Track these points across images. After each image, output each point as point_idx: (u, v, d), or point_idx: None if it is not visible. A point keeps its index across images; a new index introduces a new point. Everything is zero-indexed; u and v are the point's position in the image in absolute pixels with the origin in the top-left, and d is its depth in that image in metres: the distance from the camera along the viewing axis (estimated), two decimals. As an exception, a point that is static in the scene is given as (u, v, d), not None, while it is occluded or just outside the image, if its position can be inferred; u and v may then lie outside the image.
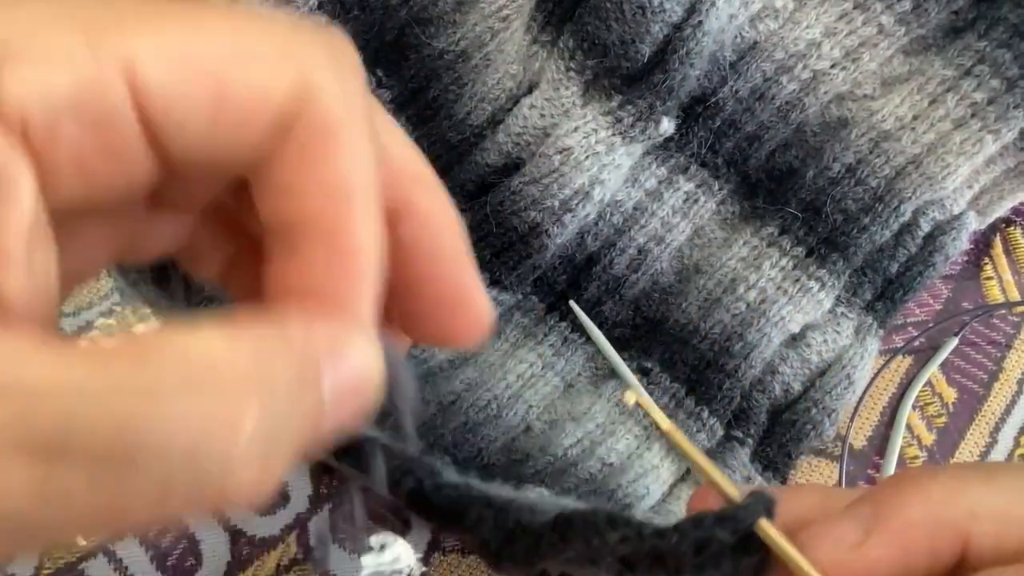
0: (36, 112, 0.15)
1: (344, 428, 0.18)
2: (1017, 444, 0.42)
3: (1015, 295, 0.44)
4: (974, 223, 0.40)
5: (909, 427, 0.42)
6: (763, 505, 0.22)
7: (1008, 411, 0.42)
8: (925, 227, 0.38)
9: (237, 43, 0.17)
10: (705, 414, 0.38)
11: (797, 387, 0.39)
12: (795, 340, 0.39)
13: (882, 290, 0.40)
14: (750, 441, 0.38)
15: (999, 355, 0.43)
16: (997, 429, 0.42)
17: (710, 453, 0.38)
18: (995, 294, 0.44)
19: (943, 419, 0.42)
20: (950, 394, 0.43)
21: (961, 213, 0.39)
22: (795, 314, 0.38)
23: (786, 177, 0.39)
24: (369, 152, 0.18)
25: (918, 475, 0.23)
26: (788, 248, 0.39)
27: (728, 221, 0.40)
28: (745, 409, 0.38)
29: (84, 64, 0.16)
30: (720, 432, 0.38)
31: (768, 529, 0.22)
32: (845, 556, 0.22)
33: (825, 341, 0.39)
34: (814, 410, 0.38)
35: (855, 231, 0.38)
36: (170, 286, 0.35)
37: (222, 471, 0.15)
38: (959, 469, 0.24)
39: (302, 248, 0.18)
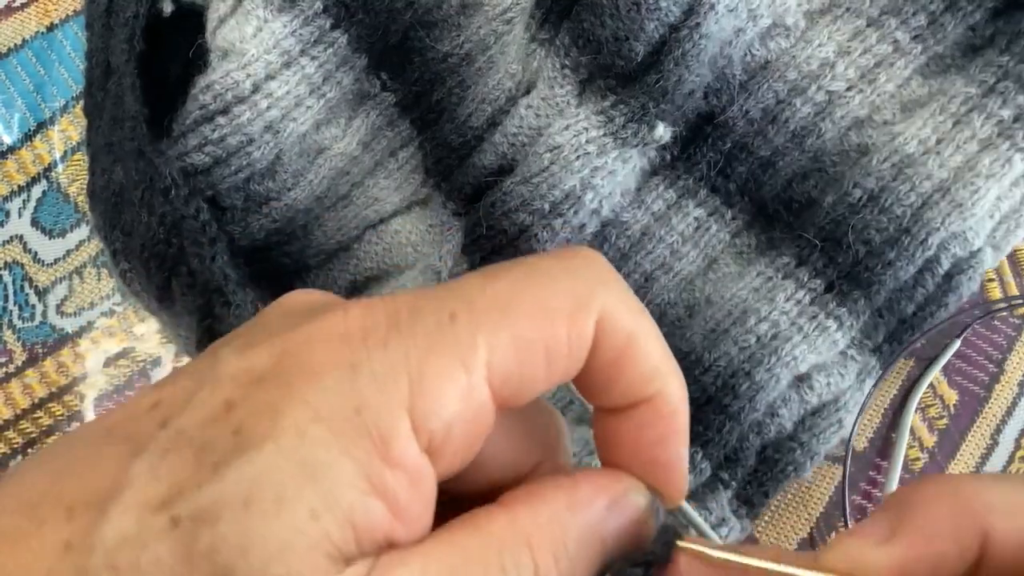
0: (439, 429, 0.21)
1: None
2: (1018, 446, 0.42)
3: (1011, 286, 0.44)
4: (990, 260, 0.38)
5: (911, 429, 0.42)
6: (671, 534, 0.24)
7: (1009, 413, 0.43)
8: (945, 264, 0.36)
9: (545, 310, 0.22)
10: (699, 456, 0.36)
11: (788, 427, 0.37)
12: (800, 382, 0.37)
13: (893, 331, 0.38)
14: (734, 484, 0.37)
15: (1000, 357, 0.43)
16: (998, 431, 0.42)
17: (693, 494, 0.37)
18: (996, 295, 0.44)
19: (944, 421, 0.42)
20: (951, 396, 0.43)
21: (979, 249, 0.37)
22: (808, 354, 0.36)
23: (805, 208, 0.37)
24: (658, 339, 0.23)
25: (937, 477, 0.24)
26: (805, 280, 0.37)
27: (743, 255, 0.38)
28: (737, 451, 0.36)
29: (463, 383, 0.21)
30: (708, 474, 0.37)
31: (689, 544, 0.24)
32: (872, 552, 0.22)
33: (828, 384, 0.37)
34: (798, 451, 0.36)
35: (879, 266, 0.36)
36: (171, 293, 0.35)
37: None
38: (975, 474, 0.25)
39: (625, 418, 0.23)
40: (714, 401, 0.36)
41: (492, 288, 0.22)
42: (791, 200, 0.38)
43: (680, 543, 0.23)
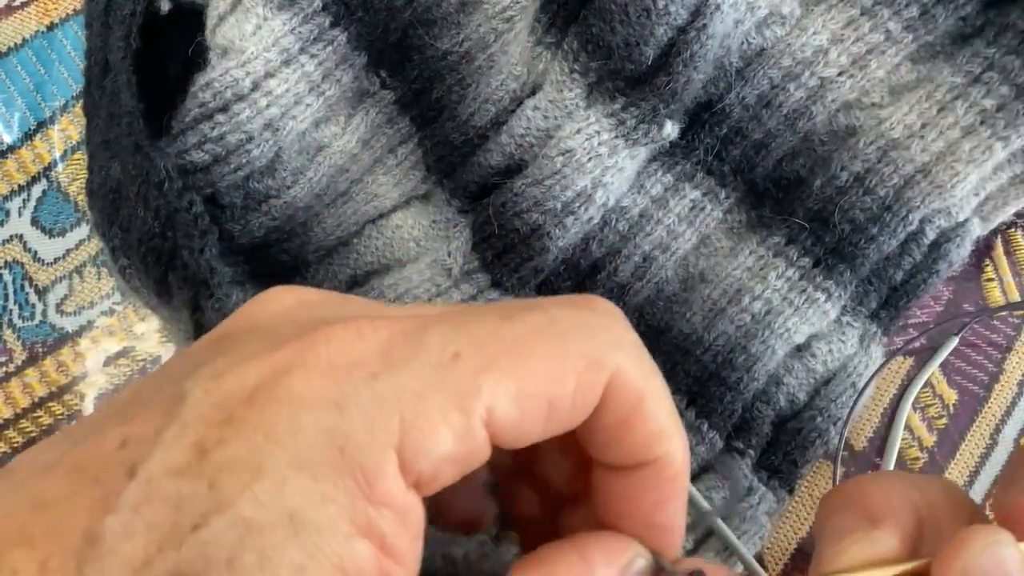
0: (427, 469, 0.20)
1: None
2: (1018, 446, 0.42)
3: (1016, 297, 0.44)
4: (978, 229, 0.39)
5: (910, 428, 0.42)
6: None
7: (1009, 412, 0.43)
8: (931, 235, 0.38)
9: (556, 365, 0.21)
10: (705, 427, 0.38)
11: (802, 397, 0.38)
12: (800, 351, 0.39)
13: (887, 298, 0.39)
14: (751, 452, 0.38)
15: (1000, 356, 0.43)
16: (998, 431, 0.42)
17: (707, 465, 0.38)
18: (996, 296, 0.44)
19: (944, 420, 0.42)
20: (951, 395, 0.43)
21: (966, 220, 0.39)
22: (800, 325, 0.38)
23: (793, 186, 0.39)
24: (667, 400, 0.23)
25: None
26: (795, 259, 0.39)
27: (735, 230, 0.40)
28: (748, 420, 0.38)
29: (459, 425, 0.20)
30: (720, 444, 0.38)
31: None
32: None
33: (830, 351, 0.39)
34: (819, 418, 0.38)
35: (862, 241, 0.38)
36: (169, 288, 0.35)
37: None
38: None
39: (626, 477, 0.23)
40: (715, 376, 0.38)
41: (506, 332, 0.21)
42: (781, 178, 0.39)
43: None
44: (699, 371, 0.38)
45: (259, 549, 0.19)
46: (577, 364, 0.21)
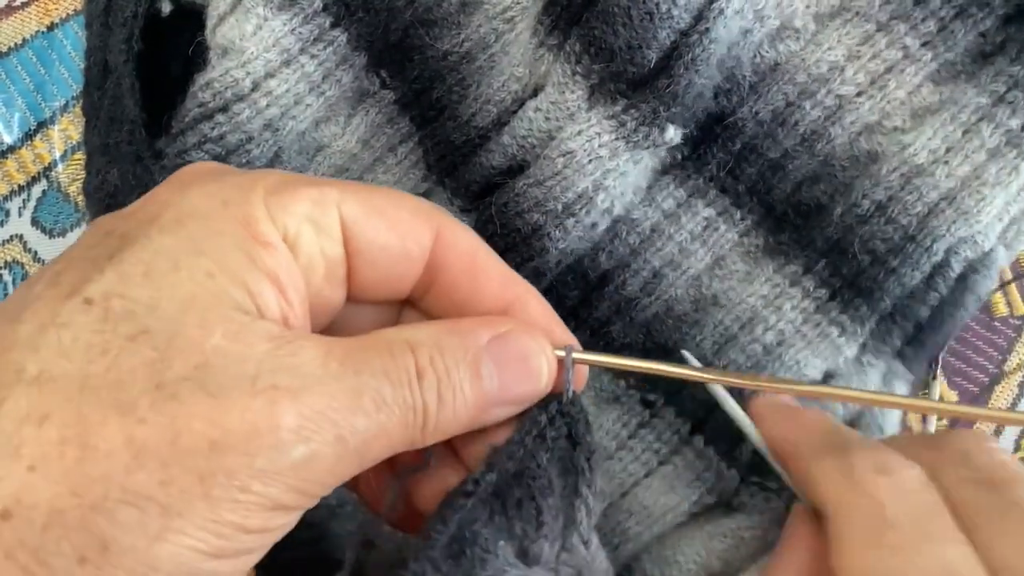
0: (291, 224, 0.25)
1: (516, 396, 0.27)
2: (1018, 447, 0.42)
3: (1016, 298, 0.44)
4: (1003, 258, 0.38)
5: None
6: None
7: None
8: (957, 267, 0.36)
9: (391, 200, 0.27)
10: (711, 452, 0.37)
11: None
12: None
13: (913, 336, 0.38)
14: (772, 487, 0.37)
15: (1000, 358, 0.43)
16: (998, 432, 0.42)
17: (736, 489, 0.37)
18: (996, 297, 0.44)
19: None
20: (951, 397, 0.43)
21: (991, 250, 0.37)
22: (811, 359, 0.37)
23: (813, 213, 0.38)
24: (495, 260, 0.29)
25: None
26: (811, 289, 0.38)
27: (751, 254, 0.39)
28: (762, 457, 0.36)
29: (313, 194, 0.25)
30: (737, 481, 0.37)
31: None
32: None
33: None
34: None
35: (881, 275, 0.36)
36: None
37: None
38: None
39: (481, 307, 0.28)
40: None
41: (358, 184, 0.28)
42: (800, 204, 0.38)
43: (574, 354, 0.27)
44: (707, 396, 0.36)
45: (170, 261, 0.22)
46: (408, 206, 0.27)
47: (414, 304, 0.29)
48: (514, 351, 0.26)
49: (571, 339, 0.28)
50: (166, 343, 0.21)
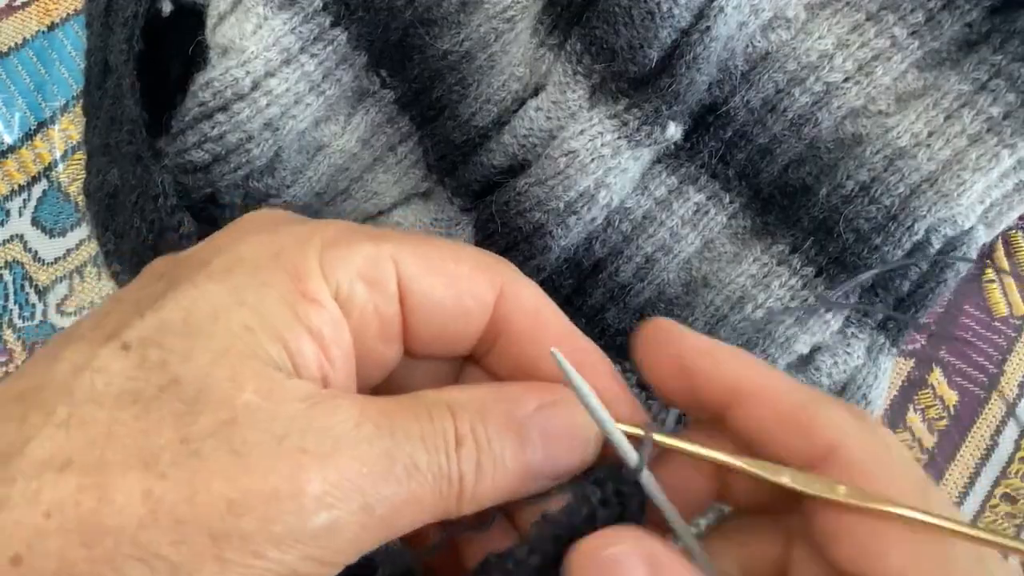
0: (344, 280, 0.24)
1: (563, 469, 0.25)
2: (1018, 447, 0.42)
3: (1016, 298, 0.44)
4: (983, 236, 0.39)
5: (910, 429, 0.42)
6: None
7: (1009, 414, 0.43)
8: (936, 244, 0.38)
9: (451, 253, 0.26)
10: None
11: None
12: (804, 363, 0.38)
13: (894, 309, 0.39)
14: None
15: (1001, 358, 0.43)
16: (998, 432, 0.42)
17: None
18: (997, 297, 0.44)
19: (944, 422, 0.42)
20: (951, 397, 0.43)
21: (971, 228, 0.38)
22: (801, 335, 0.38)
23: (799, 194, 0.39)
24: (560, 318, 0.27)
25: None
26: (798, 267, 0.39)
27: (739, 235, 0.39)
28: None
29: (369, 250, 0.24)
30: None
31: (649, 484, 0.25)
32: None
33: (835, 364, 0.38)
34: None
35: (865, 251, 0.37)
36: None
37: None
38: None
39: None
40: None
41: (416, 235, 0.27)
42: (786, 185, 0.39)
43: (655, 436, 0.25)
44: None
45: (211, 311, 0.22)
46: (469, 261, 0.26)
47: (477, 361, 0.28)
48: (562, 422, 0.25)
49: (633, 408, 0.26)
50: (195, 396, 0.21)
